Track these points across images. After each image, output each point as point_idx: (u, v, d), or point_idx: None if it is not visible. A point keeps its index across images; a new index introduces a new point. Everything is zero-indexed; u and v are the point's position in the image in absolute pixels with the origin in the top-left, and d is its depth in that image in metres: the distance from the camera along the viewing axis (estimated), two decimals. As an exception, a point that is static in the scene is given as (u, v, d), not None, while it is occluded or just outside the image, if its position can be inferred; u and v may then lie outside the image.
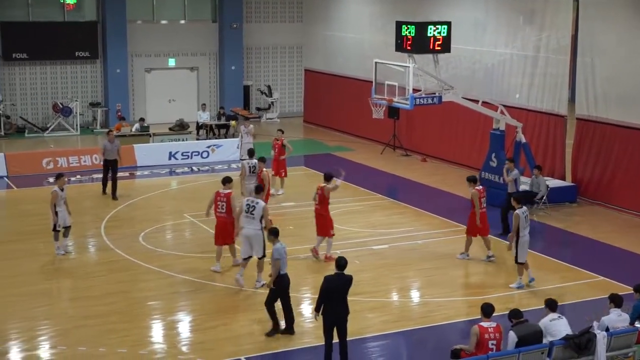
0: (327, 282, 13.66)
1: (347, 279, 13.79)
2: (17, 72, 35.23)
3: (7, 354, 14.40)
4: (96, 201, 24.33)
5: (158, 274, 18.35)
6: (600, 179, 24.36)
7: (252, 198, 17.45)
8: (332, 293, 13.61)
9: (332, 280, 13.68)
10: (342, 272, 13.76)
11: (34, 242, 20.51)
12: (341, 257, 13.94)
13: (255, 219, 17.05)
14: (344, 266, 13.77)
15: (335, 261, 13.82)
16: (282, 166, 24.95)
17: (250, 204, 17.21)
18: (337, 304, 13.65)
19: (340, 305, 13.69)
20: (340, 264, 13.79)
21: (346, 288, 13.74)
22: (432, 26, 22.51)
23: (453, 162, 29.33)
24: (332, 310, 13.64)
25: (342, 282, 13.72)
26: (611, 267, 18.97)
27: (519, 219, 17.39)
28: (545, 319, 13.33)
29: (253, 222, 17.09)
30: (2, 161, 27.72)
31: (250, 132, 27.61)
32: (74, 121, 35.29)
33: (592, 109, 24.46)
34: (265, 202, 18.08)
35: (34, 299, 16.94)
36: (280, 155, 24.84)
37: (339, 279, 13.72)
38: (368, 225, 22.19)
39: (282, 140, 24.94)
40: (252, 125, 27.10)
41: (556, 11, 25.27)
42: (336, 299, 13.63)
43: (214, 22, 38.35)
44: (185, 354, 14.56)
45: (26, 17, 35.21)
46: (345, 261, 13.84)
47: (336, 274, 13.75)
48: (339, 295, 13.65)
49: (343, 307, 13.73)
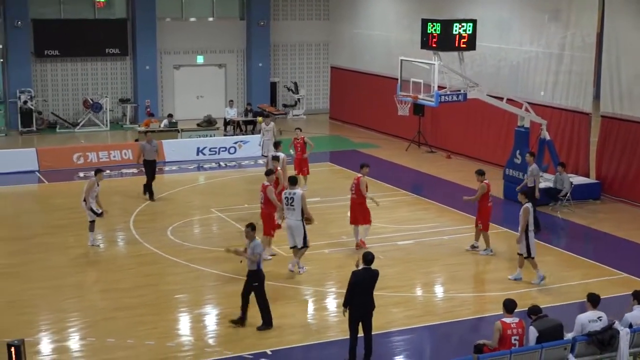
0: (355, 277, 13.67)
1: (373, 274, 13.81)
2: (48, 69, 35.51)
3: (38, 345, 14.54)
4: (125, 196, 24.48)
5: (185, 268, 18.46)
6: (624, 177, 24.20)
7: (290, 190, 17.85)
8: (359, 287, 13.63)
9: (360, 275, 13.70)
10: (369, 267, 13.78)
11: (64, 235, 20.70)
12: (368, 252, 13.97)
13: (295, 210, 17.52)
14: (371, 261, 13.78)
15: (363, 256, 13.83)
16: (304, 164, 24.91)
17: (288, 196, 17.66)
18: (364, 298, 13.67)
19: (367, 300, 13.72)
20: (367, 259, 13.80)
21: (373, 282, 13.76)
22: (458, 24, 22.42)
23: (477, 159, 29.20)
24: (359, 304, 13.66)
25: (369, 276, 13.74)
26: (635, 265, 18.83)
27: (529, 213, 17.33)
28: (583, 316, 13.18)
29: (294, 213, 17.56)
30: (34, 156, 27.99)
31: (272, 129, 27.19)
32: (103, 117, 35.53)
33: (617, 106, 24.30)
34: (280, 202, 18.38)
35: (64, 291, 17.11)
36: (303, 154, 24.85)
37: (366, 273, 13.73)
38: (393, 221, 22.17)
39: (302, 138, 24.92)
40: (272, 123, 27.06)
41: (582, 9, 25.12)
42: (363, 294, 13.65)
43: (242, 19, 38.43)
44: (211, 347, 14.64)
45: (58, 14, 35.47)
46: (372, 256, 13.85)
47: (364, 268, 13.76)
48: (366, 289, 13.67)
49: (369, 302, 13.75)
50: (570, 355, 12.72)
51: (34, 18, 34.68)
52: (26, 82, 34.41)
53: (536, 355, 12.54)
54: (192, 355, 14.28)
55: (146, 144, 24.26)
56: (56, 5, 35.43)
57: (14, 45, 34.15)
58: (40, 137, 33.36)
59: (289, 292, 17.17)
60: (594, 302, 13.32)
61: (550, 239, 20.85)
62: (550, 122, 25.17)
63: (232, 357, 14.12)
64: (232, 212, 22.09)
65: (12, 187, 25.86)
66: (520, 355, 12.42)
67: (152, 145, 24.26)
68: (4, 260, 18.87)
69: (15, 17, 33.85)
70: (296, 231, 17.61)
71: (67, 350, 14.47)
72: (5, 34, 34.16)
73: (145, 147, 24.19)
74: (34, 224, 22.07)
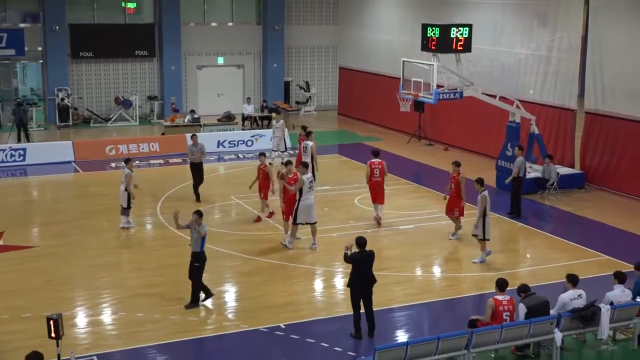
0: (354, 260, 13.73)
1: (369, 254, 13.81)
2: (83, 69, 35.54)
3: (74, 319, 14.62)
4: (153, 183, 24.50)
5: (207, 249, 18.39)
6: (606, 167, 24.11)
7: (309, 175, 18.48)
8: (357, 268, 13.65)
9: (356, 257, 13.72)
10: (364, 249, 13.77)
11: (98, 220, 20.75)
12: (360, 237, 13.99)
13: (313, 191, 18.38)
14: (364, 244, 13.79)
15: (356, 240, 13.84)
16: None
17: (310, 179, 18.32)
18: (363, 277, 13.69)
19: (366, 278, 13.73)
20: (360, 243, 13.81)
21: (370, 263, 13.76)
22: (455, 28, 22.34)
23: (473, 151, 29.16)
24: (359, 283, 13.68)
25: (366, 257, 13.74)
26: (615, 247, 18.80)
27: (487, 201, 17.29)
28: (565, 295, 13.19)
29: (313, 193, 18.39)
30: (71, 148, 28.05)
31: (282, 126, 26.74)
32: (133, 113, 35.55)
33: (599, 103, 24.19)
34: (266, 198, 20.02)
35: (98, 270, 17.16)
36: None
37: (362, 255, 13.74)
38: (395, 207, 22.12)
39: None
40: (282, 120, 26.90)
41: (568, 14, 24.98)
42: (362, 273, 13.67)
43: (259, 24, 38.35)
44: (230, 321, 14.68)
45: (92, 19, 35.48)
46: (364, 240, 13.87)
47: (359, 251, 13.77)
48: (364, 269, 13.68)
49: (369, 279, 13.76)
50: (556, 329, 12.73)
51: (71, 23, 34.69)
52: (63, 81, 34.45)
53: (525, 330, 12.56)
54: (212, 329, 14.32)
55: (192, 146, 22.45)
56: (90, 12, 35.44)
57: (52, 47, 34.19)
58: (76, 131, 33.41)
59: (300, 271, 17.19)
60: (573, 282, 13.35)
61: (538, 224, 20.80)
62: (539, 118, 25.08)
63: (249, 331, 14.15)
64: (249, 199, 22.07)
65: (51, 177, 25.92)
66: (511, 330, 12.44)
67: (197, 147, 22.36)
68: (44, 242, 18.95)
69: (54, 23, 33.88)
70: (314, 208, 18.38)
71: (100, 324, 14.53)
72: (44, 37, 34.21)
73: (192, 150, 22.40)
74: (70, 210, 22.12)
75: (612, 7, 23.67)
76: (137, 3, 36.62)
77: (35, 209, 22.33)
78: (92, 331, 14.19)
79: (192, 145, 22.59)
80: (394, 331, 14.36)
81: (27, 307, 14.98)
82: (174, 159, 28.07)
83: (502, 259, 18.20)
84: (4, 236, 19.36)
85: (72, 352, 12.23)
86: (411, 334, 14.13)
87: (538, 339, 12.78)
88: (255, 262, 17.69)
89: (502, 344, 12.45)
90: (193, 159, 22.54)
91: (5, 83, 35.01)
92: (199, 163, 22.59)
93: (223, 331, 14.21)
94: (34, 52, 34.41)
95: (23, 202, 23.14)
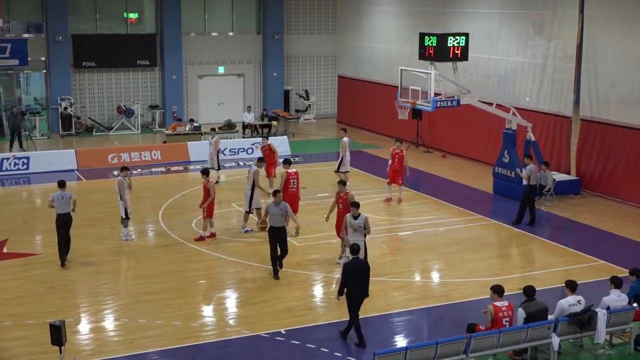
0: (345, 268, 13.69)
1: (363, 265, 13.71)
2: (86, 78, 35.55)
3: (77, 325, 14.57)
4: (155, 192, 24.49)
5: (208, 256, 18.46)
6: (601, 173, 24.09)
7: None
8: (350, 276, 13.55)
9: (348, 266, 13.67)
10: (357, 257, 13.72)
11: (101, 227, 20.72)
12: (354, 243, 14.02)
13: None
14: (357, 251, 13.77)
15: (350, 248, 13.80)
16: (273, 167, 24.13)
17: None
18: (356, 286, 13.58)
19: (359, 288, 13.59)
20: (353, 249, 13.78)
21: (364, 273, 13.61)
22: (452, 37, 22.35)
23: (470, 158, 29.14)
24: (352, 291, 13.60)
25: (359, 267, 13.64)
26: (611, 252, 18.76)
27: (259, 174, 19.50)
28: (564, 301, 13.15)
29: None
30: (73, 156, 28.03)
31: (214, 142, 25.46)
32: (135, 121, 35.53)
33: (594, 111, 24.18)
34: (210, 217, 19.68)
35: (100, 277, 17.14)
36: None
37: (354, 264, 13.67)
38: (394, 213, 22.11)
39: (269, 145, 24.22)
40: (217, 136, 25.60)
41: (563, 23, 25.01)
42: (354, 282, 13.55)
43: (258, 33, 38.37)
44: (232, 327, 14.64)
45: (94, 30, 35.49)
46: (358, 246, 13.88)
47: (352, 259, 13.73)
48: (357, 280, 13.55)
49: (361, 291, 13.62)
50: (553, 334, 12.70)
51: (73, 33, 34.70)
52: (66, 90, 34.46)
53: (522, 334, 12.53)
54: (214, 335, 14.29)
55: (272, 204, 16.77)
56: (93, 22, 35.46)
57: (55, 57, 34.20)
58: (79, 140, 33.40)
59: (300, 277, 17.15)
60: (572, 288, 13.32)
61: (535, 230, 20.76)
62: (535, 125, 25.08)
63: (250, 336, 14.12)
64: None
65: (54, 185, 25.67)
66: (509, 334, 12.42)
67: (279, 207, 16.63)
68: (48, 250, 18.90)
69: (57, 33, 33.89)
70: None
71: (103, 330, 14.49)
72: (47, 47, 34.21)
73: (270, 209, 16.74)
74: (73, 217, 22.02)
75: (606, 16, 23.69)
76: (139, 13, 36.66)
77: (38, 216, 22.29)
78: (95, 337, 14.14)
79: (272, 203, 16.73)
80: (393, 336, 14.31)
81: (30, 314, 14.94)
82: (175, 167, 28.07)
83: (500, 264, 18.18)
84: (7, 244, 19.33)
85: (75, 358, 12.22)
86: (410, 339, 14.09)
87: (535, 343, 12.76)
88: (257, 268, 17.66)
89: (500, 348, 12.43)
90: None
91: (8, 92, 35.03)
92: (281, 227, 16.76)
93: (225, 337, 14.16)
94: (37, 62, 34.43)
95: (26, 210, 23.09)
